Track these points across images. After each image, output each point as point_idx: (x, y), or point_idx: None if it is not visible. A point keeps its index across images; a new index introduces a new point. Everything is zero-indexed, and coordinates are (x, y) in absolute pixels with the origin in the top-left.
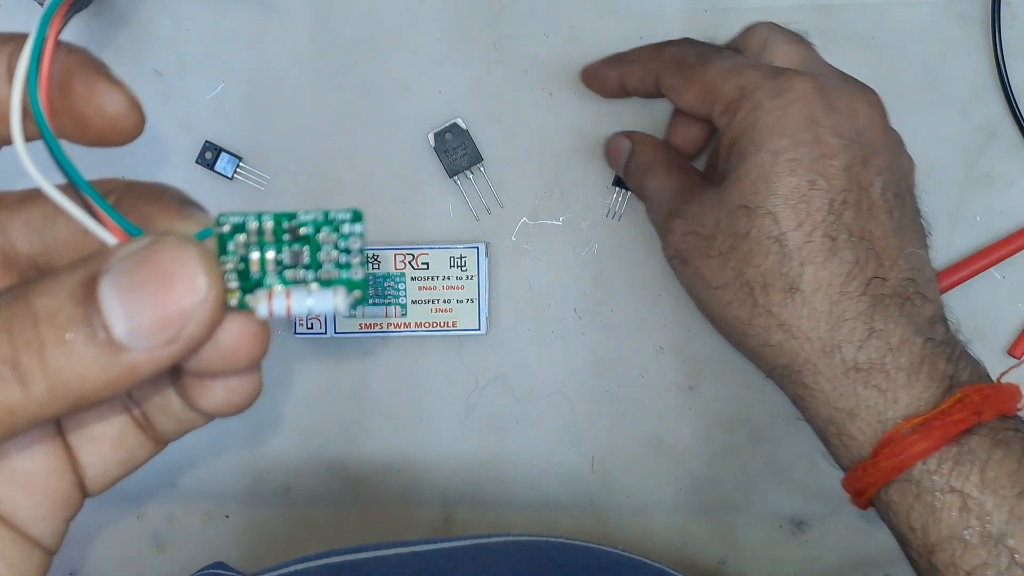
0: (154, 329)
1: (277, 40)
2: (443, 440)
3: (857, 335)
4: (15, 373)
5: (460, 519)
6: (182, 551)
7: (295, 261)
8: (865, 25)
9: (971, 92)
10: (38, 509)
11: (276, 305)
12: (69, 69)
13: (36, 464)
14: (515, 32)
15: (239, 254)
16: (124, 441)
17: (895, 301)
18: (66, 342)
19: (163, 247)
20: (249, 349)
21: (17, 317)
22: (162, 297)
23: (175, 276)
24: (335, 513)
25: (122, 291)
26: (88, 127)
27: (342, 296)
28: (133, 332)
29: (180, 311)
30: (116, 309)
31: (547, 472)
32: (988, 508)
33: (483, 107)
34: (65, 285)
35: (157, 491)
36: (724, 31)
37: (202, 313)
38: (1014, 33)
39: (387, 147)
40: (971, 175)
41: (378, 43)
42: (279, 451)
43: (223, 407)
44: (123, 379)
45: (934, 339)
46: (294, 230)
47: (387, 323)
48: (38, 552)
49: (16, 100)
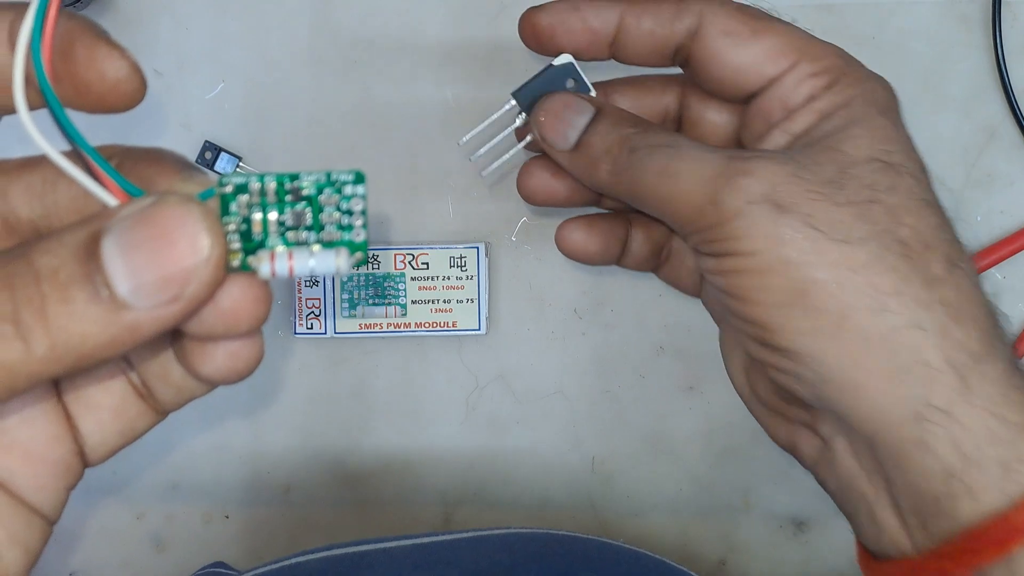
0: (156, 287)
1: (277, 40)
2: (443, 440)
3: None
4: (16, 330)
5: (460, 519)
6: (182, 551)
7: (297, 222)
8: (866, 25)
9: (971, 92)
10: (38, 478)
11: (279, 266)
12: (70, 35)
13: (36, 432)
14: (515, 32)
15: (241, 215)
16: (124, 410)
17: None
18: (68, 300)
19: (165, 206)
20: (251, 311)
21: (19, 275)
22: (164, 256)
23: (177, 235)
24: (335, 513)
25: (124, 249)
26: (90, 92)
27: (344, 257)
28: (135, 290)
29: (182, 270)
30: (118, 267)
31: (547, 472)
32: None
33: (484, 107)
34: (67, 243)
35: (157, 491)
36: None
37: (204, 272)
38: (1014, 33)
39: (387, 146)
40: (971, 175)
41: (378, 43)
42: (279, 451)
43: (224, 373)
44: (124, 337)
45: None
46: (296, 191)
47: (387, 323)
48: (39, 521)
49: (19, 66)
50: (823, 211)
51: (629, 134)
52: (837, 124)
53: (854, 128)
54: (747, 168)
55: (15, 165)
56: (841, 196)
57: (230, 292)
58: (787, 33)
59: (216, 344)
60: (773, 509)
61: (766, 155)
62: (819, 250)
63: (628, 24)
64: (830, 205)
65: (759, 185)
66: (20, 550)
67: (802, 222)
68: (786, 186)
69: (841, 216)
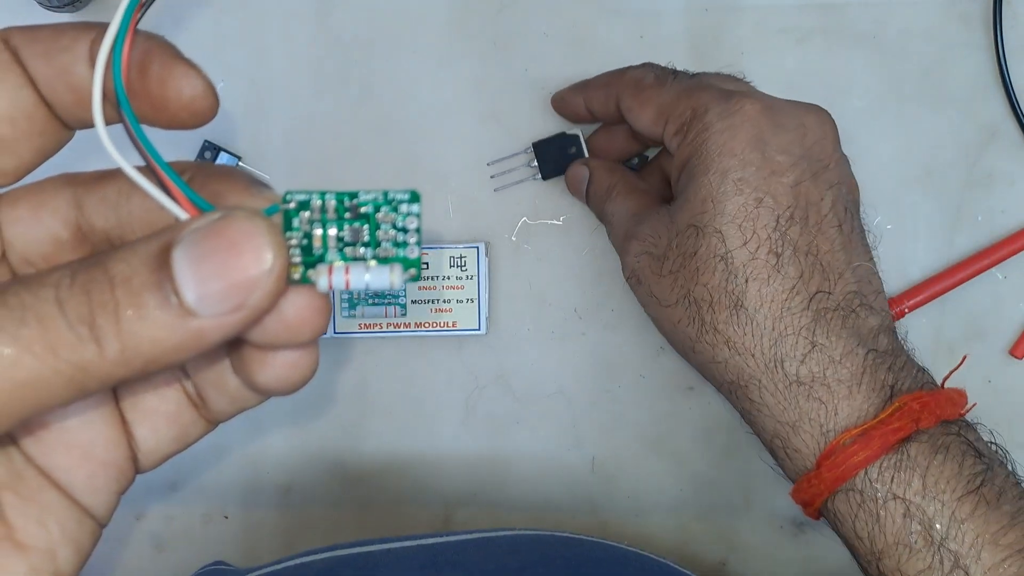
0: (222, 296)
1: (277, 40)
2: (443, 441)
3: (799, 349)
4: (91, 333)
5: (460, 520)
6: (181, 552)
7: (355, 238)
8: (866, 24)
9: (972, 91)
10: (94, 480)
11: (336, 279)
12: (148, 53)
13: (95, 435)
14: (515, 31)
15: (303, 230)
16: (178, 418)
17: (839, 314)
18: (140, 305)
19: (233, 220)
20: (311, 321)
21: (95, 281)
22: (231, 266)
23: (243, 247)
24: (335, 514)
25: (194, 260)
26: (165, 109)
27: (398, 273)
28: (202, 298)
29: (247, 280)
30: (188, 276)
31: (547, 473)
32: (930, 513)
33: (483, 106)
34: (140, 253)
35: (156, 492)
36: (725, 30)
37: (268, 283)
38: (1015, 32)
39: (387, 146)
40: (972, 174)
41: (378, 43)
42: (279, 451)
43: (281, 383)
44: (190, 344)
45: (876, 350)
46: (355, 208)
47: (387, 323)
48: (90, 522)
49: (98, 82)
50: (656, 283)
51: (604, 188)
52: (681, 184)
53: (685, 191)
54: (627, 247)
55: (91, 177)
56: (665, 268)
57: (292, 302)
58: (660, 97)
59: (275, 354)
60: (773, 509)
61: (636, 233)
62: (656, 313)
63: (589, 102)
64: (659, 277)
65: (630, 263)
66: (73, 549)
67: (647, 292)
68: (640, 263)
69: (664, 285)
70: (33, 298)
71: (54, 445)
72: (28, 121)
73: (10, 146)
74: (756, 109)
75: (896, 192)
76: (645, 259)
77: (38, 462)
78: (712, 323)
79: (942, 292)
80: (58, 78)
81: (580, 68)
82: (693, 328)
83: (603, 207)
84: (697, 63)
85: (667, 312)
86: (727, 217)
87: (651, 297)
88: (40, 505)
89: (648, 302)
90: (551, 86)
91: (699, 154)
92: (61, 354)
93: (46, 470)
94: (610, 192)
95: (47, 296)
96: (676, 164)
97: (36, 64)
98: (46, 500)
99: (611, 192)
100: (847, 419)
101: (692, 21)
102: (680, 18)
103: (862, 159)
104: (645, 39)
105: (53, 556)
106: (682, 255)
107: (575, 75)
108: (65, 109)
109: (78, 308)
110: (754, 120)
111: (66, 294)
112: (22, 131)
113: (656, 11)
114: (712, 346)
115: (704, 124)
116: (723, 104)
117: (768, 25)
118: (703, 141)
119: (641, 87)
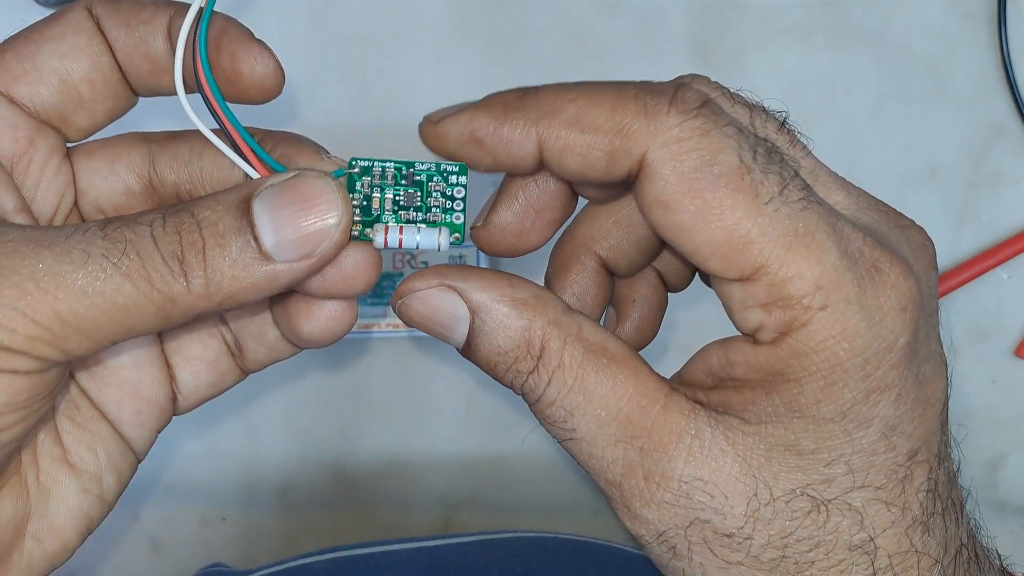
0: (296, 244)
1: (276, 36)
2: (442, 442)
3: None
4: (181, 268)
5: (460, 522)
6: (179, 554)
7: (409, 203)
8: (871, 21)
9: (977, 89)
10: (139, 416)
11: (390, 238)
12: (223, 32)
13: (143, 375)
14: (516, 29)
15: (364, 193)
16: (217, 365)
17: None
18: (224, 245)
19: (306, 178)
20: (366, 274)
21: (184, 223)
22: (304, 218)
23: (315, 202)
24: (333, 516)
25: (272, 210)
26: (237, 83)
27: (445, 236)
28: (278, 244)
29: (317, 231)
30: (266, 224)
31: (548, 474)
32: None
33: None
34: (224, 201)
35: (153, 493)
36: (727, 28)
37: (335, 235)
38: (1020, 30)
39: (386, 145)
40: (977, 173)
41: (377, 40)
42: (276, 453)
43: (322, 334)
44: (265, 284)
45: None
46: (411, 176)
47: (386, 323)
48: (131, 454)
49: (180, 54)
50: (720, 571)
51: (523, 347)
52: (771, 407)
53: (787, 428)
54: (646, 495)
55: (164, 136)
56: (744, 550)
57: (352, 255)
58: (747, 216)
59: (321, 306)
60: None
61: (665, 471)
62: None
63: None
64: (728, 565)
65: (661, 517)
66: (116, 477)
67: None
68: (690, 532)
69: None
70: (132, 233)
71: (108, 381)
72: (105, 84)
73: (87, 106)
74: (911, 291)
75: (900, 191)
76: (696, 531)
77: (92, 396)
78: None
79: (946, 292)
80: (136, 48)
81: (581, 66)
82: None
83: (533, 391)
84: (698, 61)
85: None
86: (870, 489)
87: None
88: (92, 433)
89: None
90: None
91: (822, 370)
92: (155, 284)
93: (98, 403)
94: (545, 360)
95: (144, 233)
96: (755, 361)
97: (117, 34)
98: (97, 430)
99: (548, 360)
100: None
101: (694, 19)
102: (682, 16)
103: (865, 158)
104: (646, 37)
105: (99, 480)
106: (783, 536)
107: (576, 73)
108: (139, 77)
109: (171, 245)
110: (910, 315)
111: (159, 232)
112: (99, 93)
113: (658, 8)
114: None
115: (837, 315)
116: (860, 273)
117: (771, 23)
118: (833, 349)
119: (698, 174)
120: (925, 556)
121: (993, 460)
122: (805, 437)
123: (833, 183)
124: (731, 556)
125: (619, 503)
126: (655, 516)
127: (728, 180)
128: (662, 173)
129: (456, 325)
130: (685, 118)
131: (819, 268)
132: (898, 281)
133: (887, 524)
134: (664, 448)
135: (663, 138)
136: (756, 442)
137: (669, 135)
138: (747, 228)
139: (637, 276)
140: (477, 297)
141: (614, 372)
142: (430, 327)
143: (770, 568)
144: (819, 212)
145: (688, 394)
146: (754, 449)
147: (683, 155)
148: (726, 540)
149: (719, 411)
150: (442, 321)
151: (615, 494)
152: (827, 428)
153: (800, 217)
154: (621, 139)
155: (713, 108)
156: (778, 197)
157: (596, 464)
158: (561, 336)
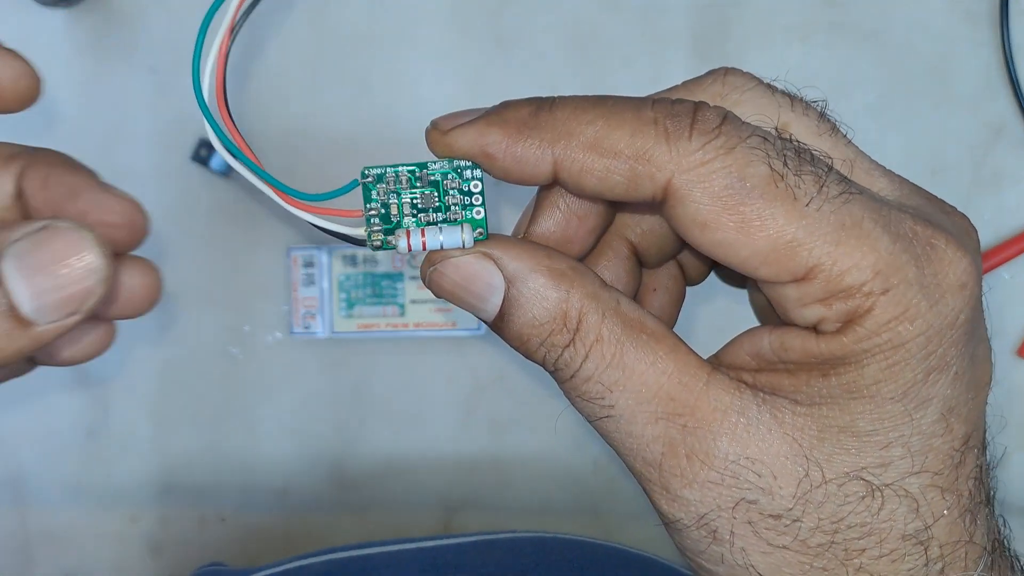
0: (58, 305)
1: (275, 36)
2: (442, 442)
3: None
4: None
5: (460, 523)
6: (177, 555)
7: (427, 204)
8: (872, 20)
9: (979, 88)
10: None
11: (413, 241)
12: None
13: None
14: (517, 27)
15: (381, 200)
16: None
17: None
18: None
19: (59, 233)
20: (151, 297)
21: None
22: (64, 280)
23: (73, 261)
24: (332, 517)
25: (26, 274)
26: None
27: (468, 232)
28: (39, 309)
29: (81, 290)
30: (23, 290)
31: (548, 475)
32: None
33: (483, 103)
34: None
35: (151, 494)
36: (728, 26)
37: (100, 290)
38: (1022, 29)
39: (386, 144)
40: (979, 173)
41: (377, 38)
42: (275, 453)
43: (84, 357)
44: (31, 347)
45: None
46: (425, 177)
47: (385, 323)
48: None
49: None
50: (764, 556)
51: (559, 321)
52: (829, 390)
53: (843, 411)
54: (688, 475)
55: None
56: (792, 533)
57: (132, 280)
58: (788, 221)
59: (87, 332)
60: None
61: (709, 450)
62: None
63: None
64: (774, 548)
65: (703, 499)
66: None
67: (736, 559)
68: (734, 513)
69: (789, 561)
70: None
71: None
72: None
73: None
74: (969, 275)
75: None
76: (742, 512)
77: None
78: None
79: None
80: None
81: (582, 64)
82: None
83: (568, 366)
84: (700, 60)
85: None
86: (928, 475)
87: (747, 570)
88: None
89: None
90: (553, 82)
91: (888, 357)
92: None
93: None
94: (583, 333)
95: None
96: (819, 350)
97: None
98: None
99: (585, 334)
100: None
101: (695, 16)
102: (683, 13)
103: None
104: (648, 36)
105: None
106: (835, 522)
107: (576, 72)
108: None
109: None
110: (969, 302)
111: None
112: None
113: (659, 6)
114: None
115: (901, 306)
116: (922, 268)
117: (772, 21)
118: (899, 340)
119: (734, 191)
120: (974, 546)
121: (994, 460)
122: (862, 418)
123: (876, 170)
124: (777, 539)
125: (657, 484)
126: (697, 497)
127: (763, 191)
128: (693, 196)
129: (490, 295)
130: (708, 139)
131: (874, 255)
132: (956, 257)
133: (942, 512)
134: (709, 426)
135: (687, 162)
136: (808, 423)
137: (693, 159)
138: (792, 232)
139: (660, 267)
140: (514, 267)
141: (654, 348)
142: (462, 296)
143: (816, 554)
144: (861, 201)
145: (731, 375)
146: (805, 430)
147: (711, 176)
148: (772, 522)
149: (767, 391)
150: (476, 290)
151: (653, 475)
152: (886, 408)
153: (844, 210)
154: (643, 165)
155: (733, 122)
156: (818, 196)
157: (634, 443)
158: (599, 309)
